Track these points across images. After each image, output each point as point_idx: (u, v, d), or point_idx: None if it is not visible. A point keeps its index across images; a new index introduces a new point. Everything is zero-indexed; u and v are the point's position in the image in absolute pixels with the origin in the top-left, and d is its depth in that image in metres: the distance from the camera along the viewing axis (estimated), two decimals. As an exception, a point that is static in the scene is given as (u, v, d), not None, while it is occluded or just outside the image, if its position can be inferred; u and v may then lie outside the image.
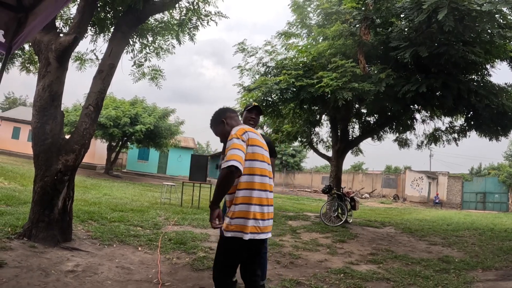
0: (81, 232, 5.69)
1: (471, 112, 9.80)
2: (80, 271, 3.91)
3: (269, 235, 2.70)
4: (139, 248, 5.24)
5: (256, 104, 3.96)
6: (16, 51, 7.61)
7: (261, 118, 11.70)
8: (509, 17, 7.38)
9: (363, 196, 31.70)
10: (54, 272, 3.74)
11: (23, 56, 8.05)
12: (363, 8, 8.44)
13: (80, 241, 5.14)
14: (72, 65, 7.91)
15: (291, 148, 44.98)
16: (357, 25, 8.75)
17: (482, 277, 5.14)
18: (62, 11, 6.91)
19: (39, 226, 4.70)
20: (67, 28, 6.69)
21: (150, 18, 6.94)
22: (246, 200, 2.54)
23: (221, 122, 2.85)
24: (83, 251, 4.69)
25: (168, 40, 7.81)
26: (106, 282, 3.71)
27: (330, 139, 13.63)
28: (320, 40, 10.28)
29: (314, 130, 13.84)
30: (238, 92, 10.28)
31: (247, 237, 2.48)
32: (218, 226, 2.52)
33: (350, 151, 13.15)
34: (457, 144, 12.16)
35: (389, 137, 13.41)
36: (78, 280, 3.64)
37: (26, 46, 7.61)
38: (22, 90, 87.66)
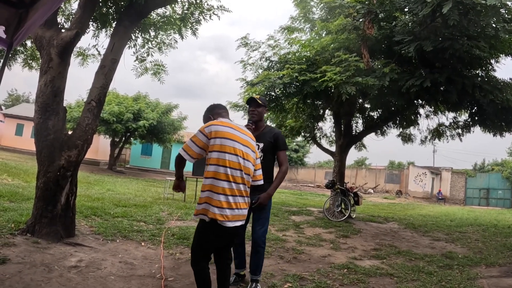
0: (84, 227, 5.70)
1: (475, 107, 9.75)
2: (83, 266, 3.91)
3: (238, 223, 2.85)
4: (142, 243, 5.25)
5: (252, 96, 3.93)
6: (18, 48, 7.61)
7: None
8: (514, 11, 7.31)
9: (366, 191, 31.67)
10: (57, 267, 3.75)
11: (25, 53, 8.05)
12: (366, 2, 8.36)
13: (83, 236, 5.15)
14: (74, 61, 7.90)
15: (294, 143, 44.92)
16: (360, 19, 8.68)
17: (486, 273, 5.12)
18: (63, 7, 6.89)
19: (42, 222, 4.70)
20: (69, 24, 6.66)
21: (152, 13, 6.91)
22: (211, 188, 2.78)
23: (209, 118, 3.13)
24: (86, 246, 4.69)
25: (171, 35, 7.78)
26: (109, 277, 3.72)
27: (333, 134, 13.57)
28: (324, 35, 10.21)
29: (318, 125, 13.79)
30: (241, 86, 10.27)
31: (208, 219, 2.76)
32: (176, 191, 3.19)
33: (353, 146, 13.11)
34: (461, 140, 12.12)
35: (393, 132, 13.34)
36: (81, 275, 3.64)
37: (28, 43, 7.61)
38: (25, 87, 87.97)
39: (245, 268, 4.06)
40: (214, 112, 3.18)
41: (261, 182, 3.21)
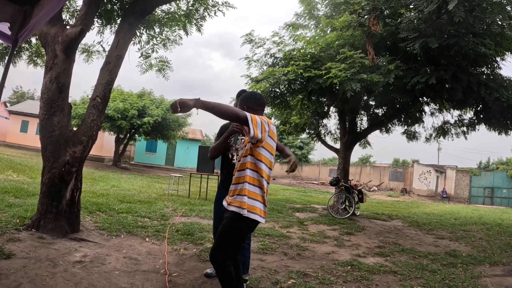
0: (89, 223, 5.73)
1: (481, 105, 9.69)
2: (87, 261, 3.94)
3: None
4: (147, 239, 5.27)
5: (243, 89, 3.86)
6: (23, 45, 7.63)
7: (269, 110, 11.72)
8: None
9: (371, 189, 31.60)
10: (62, 262, 3.78)
11: (30, 50, 8.08)
12: (371, -1, 8.33)
13: (88, 232, 5.18)
14: (79, 57, 7.93)
15: (299, 140, 44.79)
16: (365, 16, 8.65)
17: (490, 272, 5.10)
18: (68, 3, 6.91)
19: (47, 218, 4.74)
20: (74, 20, 6.69)
21: (156, 9, 6.92)
22: (260, 184, 2.71)
23: (243, 108, 2.83)
24: (91, 242, 4.73)
25: (175, 31, 7.79)
26: (114, 272, 3.74)
27: (338, 131, 13.56)
28: (328, 31, 10.17)
29: (322, 122, 13.78)
30: (246, 83, 10.25)
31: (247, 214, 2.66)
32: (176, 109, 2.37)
33: (358, 144, 13.09)
34: (466, 138, 12.05)
35: (397, 129, 13.35)
36: (85, 270, 3.67)
37: (33, 39, 7.63)
38: (30, 84, 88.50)
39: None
40: (250, 105, 2.91)
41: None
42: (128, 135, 26.09)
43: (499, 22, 7.51)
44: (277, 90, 9.65)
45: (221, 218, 3.60)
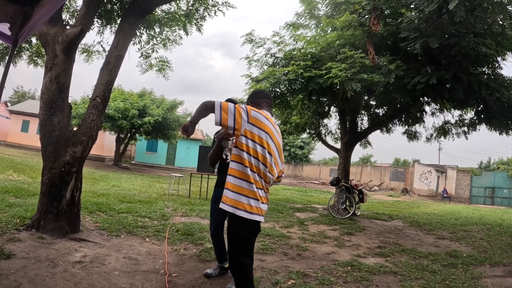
0: (89, 223, 5.73)
1: (481, 105, 9.67)
2: (87, 261, 3.94)
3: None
4: (147, 239, 5.27)
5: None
6: (24, 45, 7.64)
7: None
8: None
9: (372, 189, 31.57)
10: (62, 262, 3.78)
11: (30, 50, 8.08)
12: (372, -2, 8.32)
13: (88, 232, 5.18)
14: (79, 57, 7.94)
15: (299, 140, 44.88)
16: (366, 16, 8.65)
17: (490, 273, 5.09)
18: (68, 3, 6.92)
19: (47, 218, 4.74)
20: (74, 20, 6.69)
21: (156, 9, 6.92)
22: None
23: (248, 104, 2.92)
24: (91, 242, 4.73)
25: (175, 31, 7.79)
26: (114, 272, 3.74)
27: (338, 131, 13.55)
28: (329, 31, 10.17)
29: (323, 122, 13.79)
30: (246, 83, 10.25)
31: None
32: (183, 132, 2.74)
33: (358, 143, 13.09)
34: (466, 138, 12.03)
35: (398, 129, 13.34)
36: (85, 270, 3.67)
37: (33, 40, 7.64)
38: (31, 83, 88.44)
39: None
40: (253, 100, 2.95)
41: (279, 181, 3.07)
42: (129, 134, 26.11)
43: (500, 22, 7.50)
44: (278, 90, 9.66)
45: (217, 216, 3.66)
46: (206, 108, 2.57)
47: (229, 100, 3.76)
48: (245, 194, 2.54)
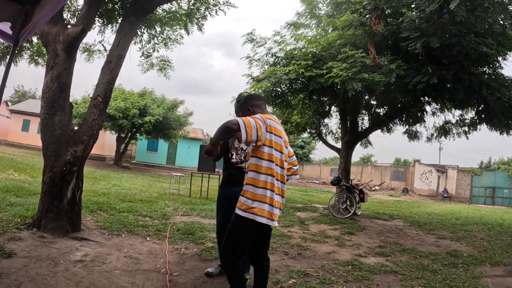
0: (90, 222, 5.74)
1: (482, 105, 9.66)
2: (88, 260, 3.94)
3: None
4: (148, 238, 5.28)
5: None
6: (24, 44, 7.64)
7: (270, 109, 11.72)
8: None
9: (372, 189, 31.57)
10: (63, 261, 3.78)
11: (31, 49, 8.08)
12: (373, -2, 8.31)
13: (89, 231, 5.19)
14: (80, 57, 7.95)
15: (300, 140, 44.82)
16: (367, 15, 8.62)
17: (490, 273, 5.09)
18: (69, 3, 6.91)
19: (48, 217, 4.74)
20: (75, 20, 6.69)
21: (158, 8, 6.91)
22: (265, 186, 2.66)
23: (248, 110, 2.94)
24: (91, 241, 4.73)
25: (177, 31, 7.79)
26: (114, 271, 3.74)
27: (339, 130, 13.56)
28: (330, 31, 10.17)
29: (323, 122, 13.78)
30: (247, 82, 10.26)
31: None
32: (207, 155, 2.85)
33: (359, 143, 13.09)
34: (467, 138, 12.03)
35: (399, 129, 13.33)
36: (86, 269, 3.67)
37: (34, 39, 7.64)
38: (32, 83, 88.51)
39: None
40: (253, 103, 2.98)
41: (296, 176, 3.18)
42: (129, 134, 26.13)
43: (501, 22, 7.50)
44: (279, 89, 9.65)
45: (223, 216, 3.62)
46: (230, 130, 2.57)
47: (240, 96, 3.78)
48: (261, 200, 2.64)
